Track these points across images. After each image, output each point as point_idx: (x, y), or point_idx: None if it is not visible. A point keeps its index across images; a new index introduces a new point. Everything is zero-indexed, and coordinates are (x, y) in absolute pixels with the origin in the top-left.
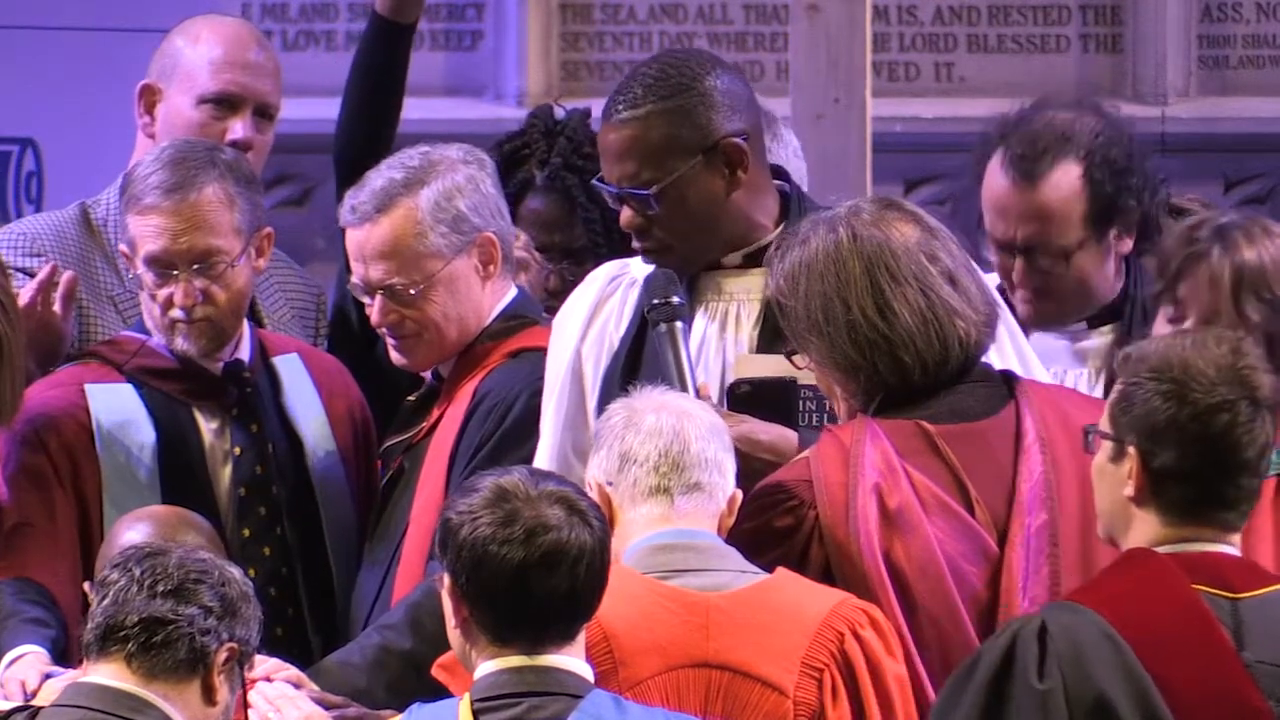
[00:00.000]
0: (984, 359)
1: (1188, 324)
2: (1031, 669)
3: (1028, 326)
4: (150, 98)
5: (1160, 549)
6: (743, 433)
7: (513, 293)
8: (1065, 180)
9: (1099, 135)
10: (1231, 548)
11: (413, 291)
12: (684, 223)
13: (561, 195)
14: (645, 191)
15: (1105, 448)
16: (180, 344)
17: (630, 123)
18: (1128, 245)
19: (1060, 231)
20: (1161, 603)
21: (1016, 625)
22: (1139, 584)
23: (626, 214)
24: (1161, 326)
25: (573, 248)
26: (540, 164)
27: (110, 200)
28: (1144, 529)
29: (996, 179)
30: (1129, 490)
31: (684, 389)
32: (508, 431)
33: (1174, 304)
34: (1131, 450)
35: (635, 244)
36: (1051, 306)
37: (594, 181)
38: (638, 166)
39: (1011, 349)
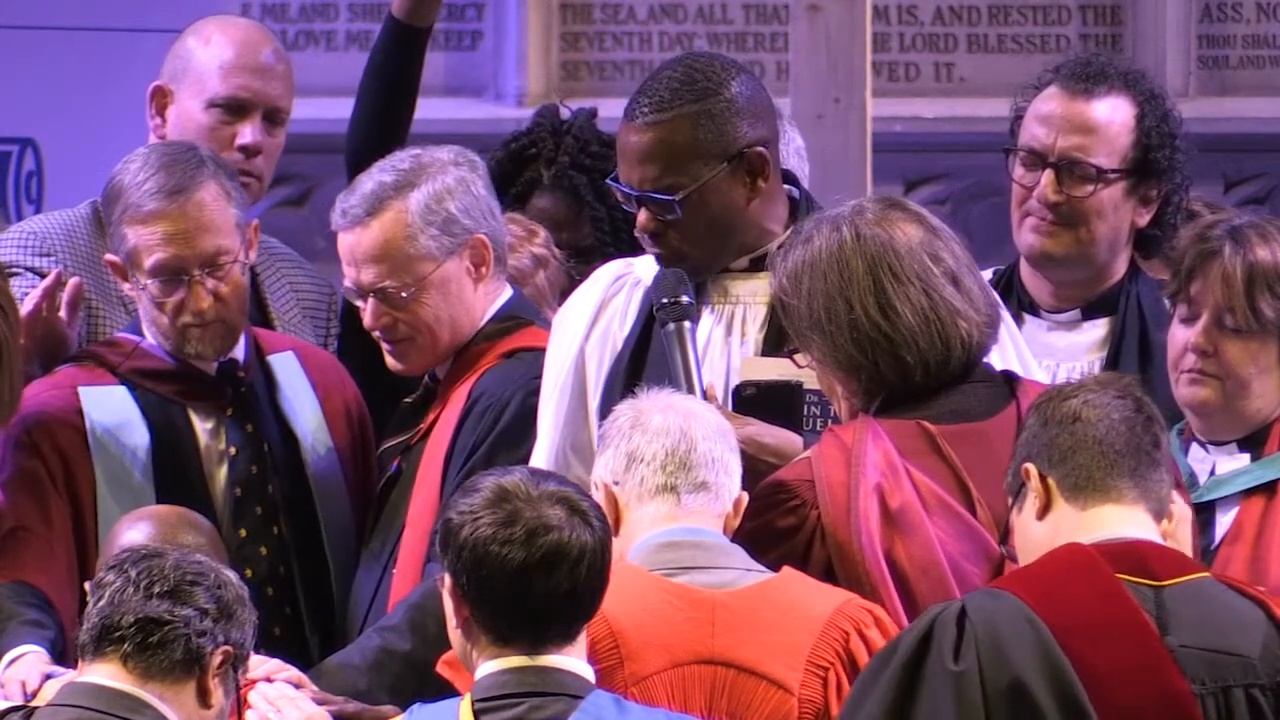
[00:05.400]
0: (984, 359)
1: (1200, 322)
2: (948, 651)
3: (1030, 260)
4: (162, 100)
5: (1083, 540)
6: (748, 435)
7: (507, 294)
8: (1120, 107)
9: (1156, 95)
10: (1152, 534)
11: (404, 294)
12: (703, 229)
13: (569, 194)
14: (669, 197)
15: (1017, 507)
16: (194, 349)
17: (656, 125)
18: (1145, 218)
19: (1102, 151)
20: (1083, 588)
21: (937, 610)
22: (1061, 571)
23: (644, 217)
24: (1175, 326)
25: (580, 246)
26: (547, 163)
27: None
28: (1060, 532)
29: (1048, 93)
30: (1037, 507)
31: (690, 389)
32: (503, 432)
33: (1187, 303)
34: (1028, 468)
35: (649, 248)
36: (1060, 238)
37: (609, 182)
38: (661, 170)
39: (1012, 349)
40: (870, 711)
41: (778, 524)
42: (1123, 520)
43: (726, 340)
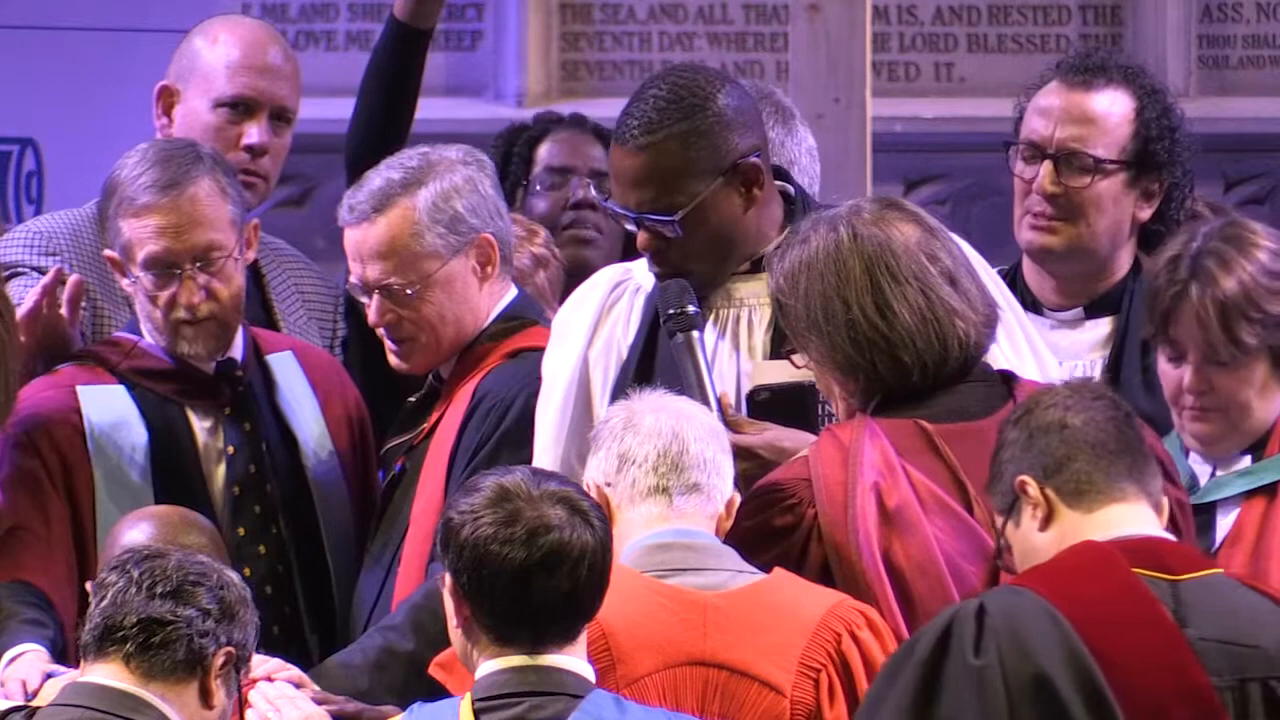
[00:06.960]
0: (994, 351)
1: (1189, 365)
2: (968, 646)
3: (1031, 255)
4: (168, 99)
5: (1095, 538)
6: (767, 440)
7: (512, 293)
8: (1119, 99)
9: (1156, 89)
10: (1159, 530)
11: (409, 292)
12: (703, 245)
13: None
14: (669, 217)
15: (1012, 522)
16: (185, 348)
17: (647, 148)
18: (1146, 212)
19: (1100, 142)
20: (1101, 582)
21: (956, 607)
22: (1079, 566)
23: (643, 237)
24: (1163, 364)
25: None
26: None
27: None
28: (1067, 538)
29: (1048, 88)
30: (1040, 518)
31: (704, 398)
32: (506, 432)
33: (1169, 344)
34: (1024, 480)
35: (651, 267)
36: (1060, 232)
37: (604, 203)
38: (657, 192)
39: (1023, 338)
40: (891, 709)
41: (774, 523)
42: (1132, 518)
43: (734, 343)
